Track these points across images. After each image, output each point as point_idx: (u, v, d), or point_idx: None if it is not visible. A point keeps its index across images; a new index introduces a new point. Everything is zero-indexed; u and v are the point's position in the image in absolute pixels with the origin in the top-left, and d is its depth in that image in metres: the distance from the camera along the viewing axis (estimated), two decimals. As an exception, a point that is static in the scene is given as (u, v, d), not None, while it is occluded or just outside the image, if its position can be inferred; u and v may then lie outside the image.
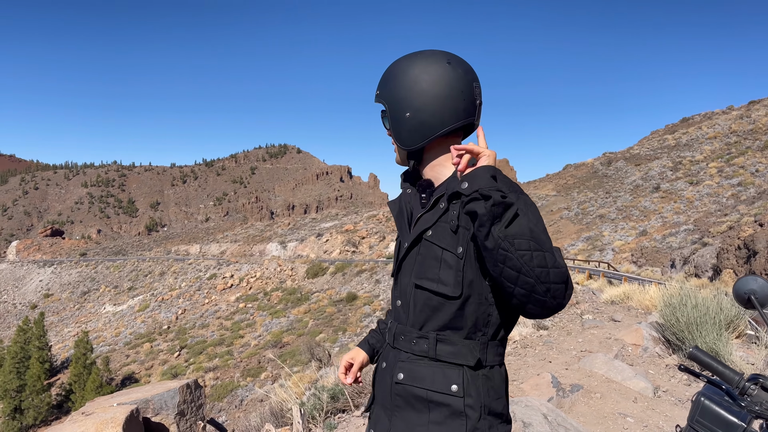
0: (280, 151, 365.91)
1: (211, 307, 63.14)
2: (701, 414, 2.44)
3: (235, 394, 32.46)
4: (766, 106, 77.63)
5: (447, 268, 1.54)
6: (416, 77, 1.60)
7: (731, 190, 51.41)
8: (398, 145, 1.68)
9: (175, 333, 55.67)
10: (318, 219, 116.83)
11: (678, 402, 5.67)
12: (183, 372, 42.07)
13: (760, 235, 26.10)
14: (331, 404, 5.72)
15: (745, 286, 1.82)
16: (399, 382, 1.61)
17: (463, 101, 1.60)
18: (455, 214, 1.54)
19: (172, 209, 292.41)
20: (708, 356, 1.59)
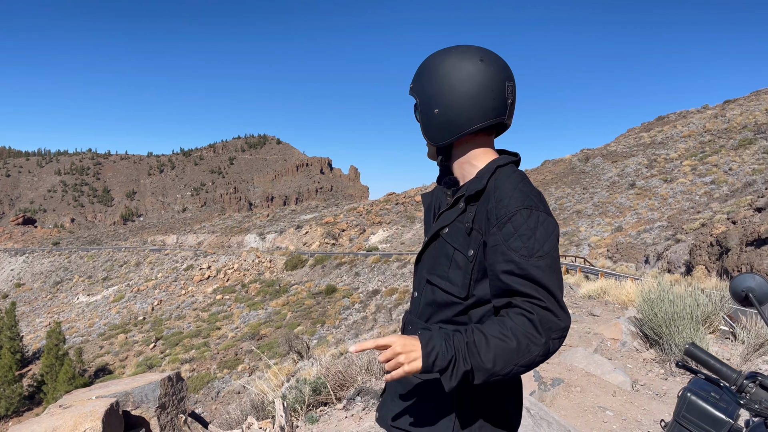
0: (259, 142, 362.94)
1: (187, 298, 62.58)
2: (687, 409, 2.46)
3: (211, 386, 32.24)
4: (740, 105, 79.13)
5: (456, 268, 1.56)
6: (447, 74, 1.59)
7: (704, 188, 52.35)
8: (426, 138, 1.69)
9: (151, 324, 55.09)
10: (297, 211, 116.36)
11: (655, 396, 5.76)
12: (158, 364, 41.67)
13: (732, 232, 26.62)
14: (313, 397, 5.71)
15: (742, 283, 1.83)
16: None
17: (493, 100, 1.57)
18: (470, 216, 1.55)
19: (149, 199, 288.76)
20: (705, 353, 1.60)
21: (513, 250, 1.42)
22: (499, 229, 1.45)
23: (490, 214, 1.49)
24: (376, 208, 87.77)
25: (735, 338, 8.04)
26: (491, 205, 1.49)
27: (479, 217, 1.53)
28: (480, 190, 1.54)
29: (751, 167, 51.91)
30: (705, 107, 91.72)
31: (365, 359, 6.72)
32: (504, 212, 1.46)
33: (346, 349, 23.90)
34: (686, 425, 2.47)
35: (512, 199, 1.47)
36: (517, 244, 1.42)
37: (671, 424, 2.57)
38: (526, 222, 1.44)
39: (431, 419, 1.57)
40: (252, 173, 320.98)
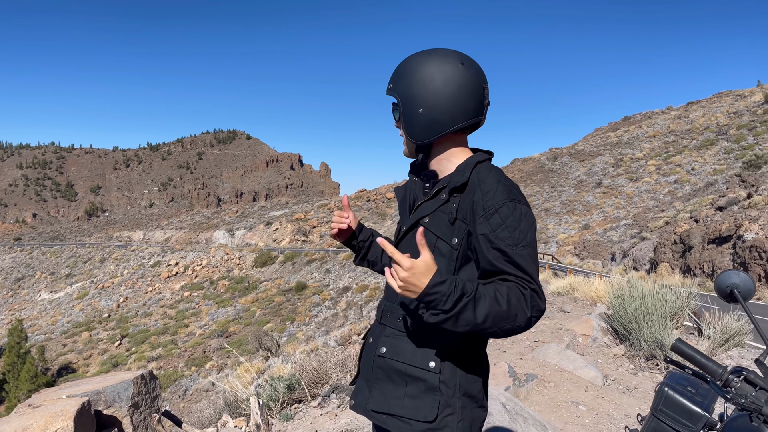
0: (228, 137, 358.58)
1: (154, 295, 61.62)
2: (665, 404, 2.51)
3: (179, 384, 31.78)
4: (703, 107, 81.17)
5: (439, 256, 1.64)
6: (431, 75, 1.66)
7: (668, 187, 53.58)
8: (408, 139, 1.74)
9: (116, 322, 54.10)
10: (267, 207, 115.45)
11: (626, 390, 5.87)
12: (124, 362, 40.97)
13: (695, 230, 27.30)
14: (288, 395, 5.66)
15: (727, 280, 1.87)
16: (381, 355, 1.71)
17: (474, 101, 1.68)
18: (454, 206, 1.63)
19: (114, 194, 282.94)
20: (692, 349, 1.62)
21: (500, 239, 1.53)
22: (486, 219, 1.55)
23: (476, 205, 1.58)
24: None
25: (700, 334, 8.25)
26: (477, 197, 1.59)
27: (463, 207, 1.62)
28: (465, 182, 1.63)
29: (712, 167, 53.29)
30: (669, 108, 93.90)
31: (340, 356, 6.70)
32: (491, 204, 1.56)
33: (317, 347, 23.81)
34: (663, 419, 2.51)
35: (498, 191, 1.57)
36: (504, 234, 1.53)
37: (649, 418, 2.61)
38: (512, 214, 1.55)
39: (415, 400, 1.62)
40: (221, 169, 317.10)
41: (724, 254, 24.13)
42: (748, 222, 23.43)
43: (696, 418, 2.42)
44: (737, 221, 24.13)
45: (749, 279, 1.85)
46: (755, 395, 1.55)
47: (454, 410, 1.62)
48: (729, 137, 59.40)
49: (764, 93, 66.90)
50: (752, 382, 1.58)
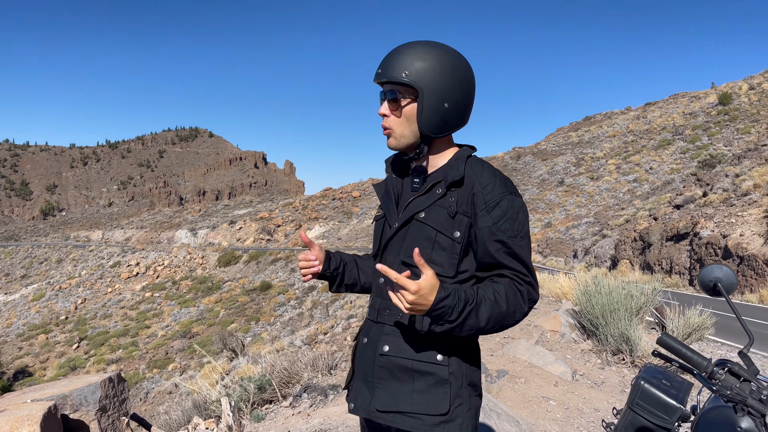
0: (190, 135, 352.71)
1: (114, 296, 60.24)
2: (641, 397, 2.55)
3: (140, 386, 31.13)
4: (660, 107, 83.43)
5: (440, 250, 1.63)
6: (457, 71, 1.65)
7: (628, 186, 54.91)
8: (423, 132, 1.67)
9: (74, 324, 52.70)
10: (231, 206, 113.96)
11: (594, 385, 5.97)
12: (82, 365, 39.95)
13: (654, 228, 28.04)
14: (258, 395, 5.58)
15: (710, 274, 1.90)
16: (384, 353, 1.68)
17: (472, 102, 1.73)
18: (453, 200, 1.63)
19: (71, 193, 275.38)
20: (677, 342, 1.64)
21: (502, 231, 1.58)
22: (488, 212, 1.59)
23: (476, 198, 1.61)
24: (313, 204, 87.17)
25: (663, 329, 8.46)
26: (476, 190, 1.61)
27: (462, 201, 1.62)
28: (462, 176, 1.64)
29: (669, 167, 54.82)
30: (628, 109, 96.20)
31: (310, 356, 6.63)
32: (491, 197, 1.60)
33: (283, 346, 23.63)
34: (640, 412, 2.55)
35: (497, 185, 1.61)
36: (505, 226, 1.58)
37: (625, 411, 2.65)
38: (512, 206, 1.60)
39: (425, 394, 1.62)
40: (183, 167, 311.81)
41: (681, 251, 24.84)
42: (704, 220, 24.17)
43: (671, 411, 2.47)
44: (694, 219, 24.86)
45: (732, 273, 1.89)
46: (740, 387, 1.57)
47: (463, 400, 1.64)
48: (685, 137, 61.19)
49: (718, 95, 69.13)
50: (736, 374, 1.61)
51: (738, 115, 59.25)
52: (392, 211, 1.77)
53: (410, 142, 1.70)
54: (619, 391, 5.91)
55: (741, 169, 29.03)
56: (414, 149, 1.72)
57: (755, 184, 24.34)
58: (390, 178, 1.86)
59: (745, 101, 62.45)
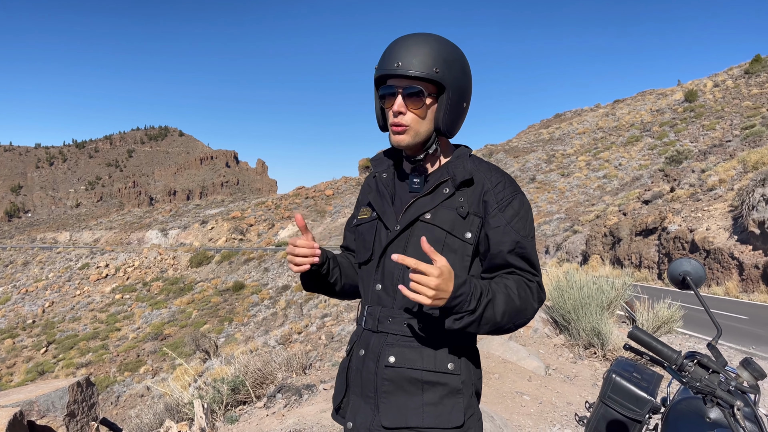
0: (160, 134, 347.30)
1: (83, 298, 59.05)
2: (613, 390, 2.58)
3: (111, 390, 30.57)
4: (628, 104, 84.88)
5: (450, 252, 1.57)
6: (468, 68, 1.64)
7: (598, 182, 55.75)
8: (443, 130, 1.59)
9: (42, 327, 51.51)
10: (202, 205, 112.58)
11: (567, 379, 6.04)
12: (51, 369, 39.07)
13: (623, 223, 28.53)
14: (232, 396, 5.51)
15: (679, 267, 1.92)
16: (390, 365, 1.56)
17: None
18: (463, 200, 1.58)
19: (37, 194, 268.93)
20: (648, 336, 1.66)
21: (516, 230, 1.55)
22: (501, 211, 1.56)
23: (487, 197, 1.57)
24: (286, 203, 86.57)
25: (633, 323, 8.60)
26: (487, 188, 1.58)
27: (471, 200, 1.58)
28: (471, 177, 1.59)
29: (638, 162, 55.82)
30: (597, 106, 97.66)
31: (284, 356, 6.58)
32: (503, 195, 1.57)
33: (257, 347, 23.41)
34: (611, 405, 2.59)
35: (507, 184, 1.60)
36: (519, 225, 1.56)
37: (597, 404, 2.68)
38: (523, 206, 1.59)
39: (437, 407, 1.53)
40: (153, 166, 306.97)
41: (650, 245, 25.32)
42: (672, 214, 24.68)
43: (642, 403, 2.51)
44: (662, 214, 25.37)
45: (700, 266, 1.92)
46: (709, 378, 1.59)
47: (474, 411, 1.58)
48: (652, 134, 62.38)
49: (684, 92, 70.64)
50: (705, 366, 1.63)
51: (703, 111, 60.62)
52: (389, 212, 1.66)
53: (422, 140, 1.61)
54: (592, 384, 5.98)
55: (707, 165, 29.71)
56: (423, 147, 1.63)
57: (720, 179, 24.94)
58: (380, 177, 1.75)
59: (710, 98, 63.90)
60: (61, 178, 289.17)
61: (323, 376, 6.26)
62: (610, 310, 7.83)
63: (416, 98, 1.55)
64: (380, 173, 1.76)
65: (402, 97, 1.55)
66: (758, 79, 60.78)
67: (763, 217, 18.02)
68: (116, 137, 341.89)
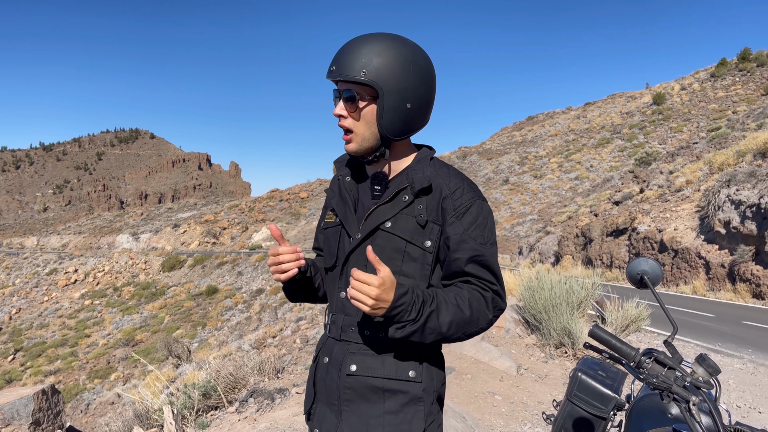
0: (131, 136, 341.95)
1: (51, 305, 57.82)
2: (579, 388, 2.64)
3: (80, 398, 29.95)
4: (599, 107, 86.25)
5: (410, 261, 1.55)
6: (416, 67, 1.52)
7: (570, 184, 56.54)
8: (385, 134, 1.54)
9: (9, 335, 50.31)
10: (174, 209, 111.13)
11: (538, 378, 6.11)
12: (18, 377, 38.13)
13: (594, 224, 28.98)
14: (203, 402, 5.46)
15: (637, 267, 1.97)
16: (352, 373, 1.55)
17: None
18: (422, 208, 1.55)
19: (3, 198, 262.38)
20: (607, 334, 1.70)
21: (473, 238, 1.52)
22: (458, 218, 1.53)
23: (445, 204, 1.54)
24: (259, 206, 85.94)
25: (603, 321, 8.75)
26: (445, 195, 1.55)
27: (430, 208, 1.55)
28: (430, 184, 1.56)
29: (608, 164, 56.76)
30: (569, 108, 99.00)
31: (257, 360, 6.54)
32: (460, 203, 1.54)
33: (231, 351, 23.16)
34: (577, 403, 2.64)
35: (465, 190, 1.56)
36: (476, 232, 1.53)
37: (564, 402, 2.73)
38: (482, 212, 1.55)
39: (398, 415, 1.52)
40: (123, 169, 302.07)
41: (621, 245, 25.76)
42: (641, 215, 25.14)
43: (607, 400, 2.57)
44: (632, 214, 25.83)
45: (657, 265, 1.96)
46: (665, 374, 1.63)
47: (434, 417, 1.56)
48: (622, 136, 63.49)
49: (652, 95, 72.05)
50: (662, 363, 1.67)
51: (671, 114, 61.92)
52: (351, 219, 1.63)
53: (371, 145, 1.56)
54: (562, 383, 6.07)
55: (674, 166, 30.36)
56: (373, 152, 1.58)
57: (687, 180, 25.50)
58: (344, 182, 1.70)
59: (677, 101, 65.29)
60: (27, 181, 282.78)
61: (296, 379, 6.24)
62: (580, 309, 7.95)
63: (350, 102, 1.52)
64: (343, 177, 1.71)
65: (342, 100, 1.53)
66: (724, 83, 62.30)
67: (729, 217, 18.47)
68: (85, 140, 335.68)
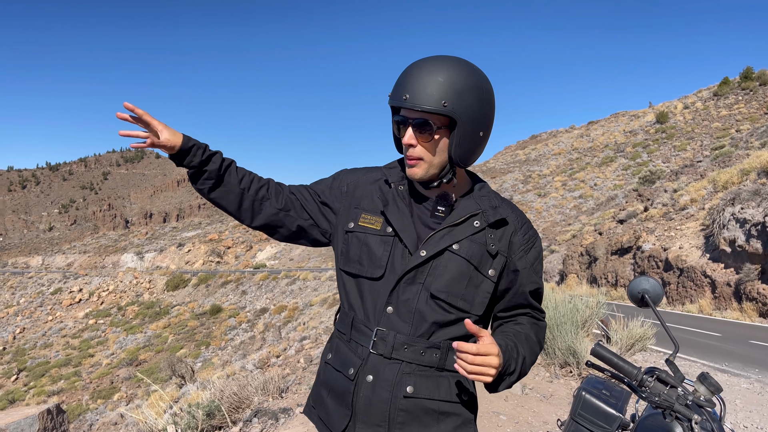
0: (136, 156, 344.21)
1: (55, 324, 57.79)
2: (583, 407, 2.63)
3: (83, 418, 29.75)
4: (602, 126, 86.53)
5: (473, 287, 1.55)
6: (487, 95, 1.52)
7: (574, 202, 56.48)
8: (458, 162, 1.53)
9: (12, 354, 50.23)
10: (179, 228, 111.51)
11: (543, 398, 6.07)
12: (22, 397, 38.00)
13: (599, 242, 28.92)
14: (207, 422, 5.44)
15: (638, 286, 1.99)
16: (408, 395, 1.52)
17: None
18: (493, 237, 1.56)
19: (9, 217, 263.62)
20: (609, 353, 1.71)
21: (536, 272, 1.63)
22: (526, 253, 1.61)
23: (514, 238, 1.60)
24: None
25: (608, 340, 8.71)
26: (514, 230, 1.61)
27: (498, 238, 1.58)
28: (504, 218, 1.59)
29: (612, 183, 56.75)
30: (572, 127, 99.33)
31: (261, 380, 6.52)
32: (527, 238, 1.62)
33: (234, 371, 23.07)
34: (582, 422, 2.63)
35: (529, 226, 1.65)
36: (538, 267, 1.64)
37: (568, 422, 2.72)
38: (541, 249, 1.68)
39: None
40: (128, 189, 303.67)
41: (625, 264, 25.66)
42: (646, 233, 25.08)
43: (611, 420, 2.56)
44: (636, 233, 25.77)
45: (658, 284, 1.98)
46: (667, 393, 1.64)
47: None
48: (626, 154, 63.57)
49: (655, 113, 72.28)
50: (664, 381, 1.68)
51: (674, 132, 62.04)
52: (411, 233, 1.57)
53: (437, 172, 1.55)
54: (567, 403, 6.03)
55: (678, 185, 30.34)
56: (438, 178, 1.56)
57: (692, 199, 25.48)
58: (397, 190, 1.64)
59: (680, 119, 65.44)
60: (33, 201, 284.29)
61: (300, 399, 6.22)
62: (585, 328, 7.92)
63: (426, 131, 1.49)
64: (396, 184, 1.65)
65: (412, 128, 1.50)
66: (726, 101, 62.50)
67: (734, 235, 18.42)
68: (91, 159, 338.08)
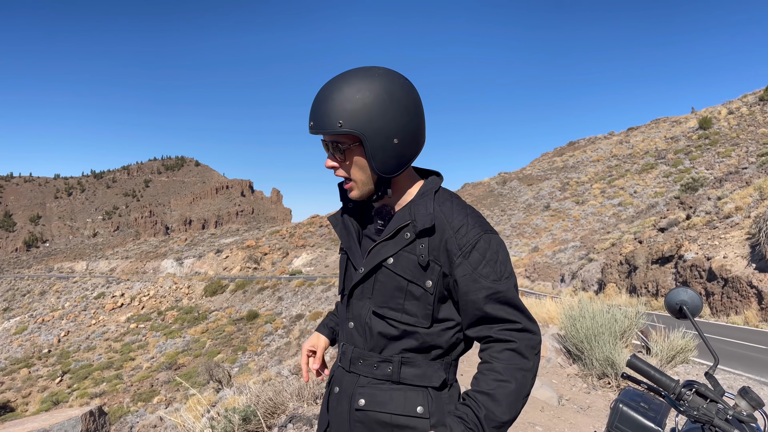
0: (177, 164, 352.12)
1: (98, 328, 59.34)
2: (620, 420, 2.58)
3: (124, 420, 30.44)
4: (642, 132, 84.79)
5: (413, 300, 1.51)
6: (393, 99, 1.46)
7: (613, 210, 55.42)
8: (378, 176, 1.52)
9: (57, 357, 51.75)
10: (217, 235, 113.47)
11: (580, 410, 5.96)
12: (65, 399, 39.10)
13: (639, 251, 28.27)
14: (243, 426, 5.51)
15: (676, 297, 1.94)
16: (360, 408, 1.54)
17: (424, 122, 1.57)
18: (424, 247, 1.49)
19: (55, 223, 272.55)
20: (646, 365, 1.68)
21: (483, 276, 1.45)
22: (465, 258, 1.46)
23: (449, 245, 1.48)
24: (300, 231, 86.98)
25: (648, 352, 8.50)
26: (448, 235, 1.48)
27: (433, 247, 1.49)
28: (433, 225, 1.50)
29: (653, 190, 55.50)
30: (611, 134, 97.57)
31: (296, 385, 6.58)
32: (466, 241, 1.46)
33: (270, 376, 23.30)
34: (619, 435, 2.58)
35: (470, 226, 1.48)
36: (486, 270, 1.45)
37: (605, 434, 2.68)
38: (489, 247, 1.47)
39: None
40: (169, 196, 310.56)
41: (666, 273, 25.02)
42: (688, 242, 24.42)
43: None
44: (678, 242, 25.12)
45: (697, 295, 1.94)
46: (707, 407, 1.61)
47: None
48: (667, 161, 62.10)
49: (698, 119, 70.44)
50: (703, 395, 1.64)
51: (718, 138, 60.35)
52: (355, 251, 1.62)
53: (372, 187, 1.54)
54: (605, 415, 5.91)
55: (723, 192, 29.48)
56: (376, 192, 1.56)
57: (737, 207, 24.70)
58: (347, 209, 1.68)
59: (724, 125, 63.66)
60: (79, 208, 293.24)
61: (334, 406, 6.25)
62: (624, 339, 7.75)
63: (338, 153, 1.50)
64: (346, 202, 1.69)
65: (331, 153, 1.53)
66: (773, 106, 60.53)
67: (781, 244, 17.79)
68: (134, 167, 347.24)
